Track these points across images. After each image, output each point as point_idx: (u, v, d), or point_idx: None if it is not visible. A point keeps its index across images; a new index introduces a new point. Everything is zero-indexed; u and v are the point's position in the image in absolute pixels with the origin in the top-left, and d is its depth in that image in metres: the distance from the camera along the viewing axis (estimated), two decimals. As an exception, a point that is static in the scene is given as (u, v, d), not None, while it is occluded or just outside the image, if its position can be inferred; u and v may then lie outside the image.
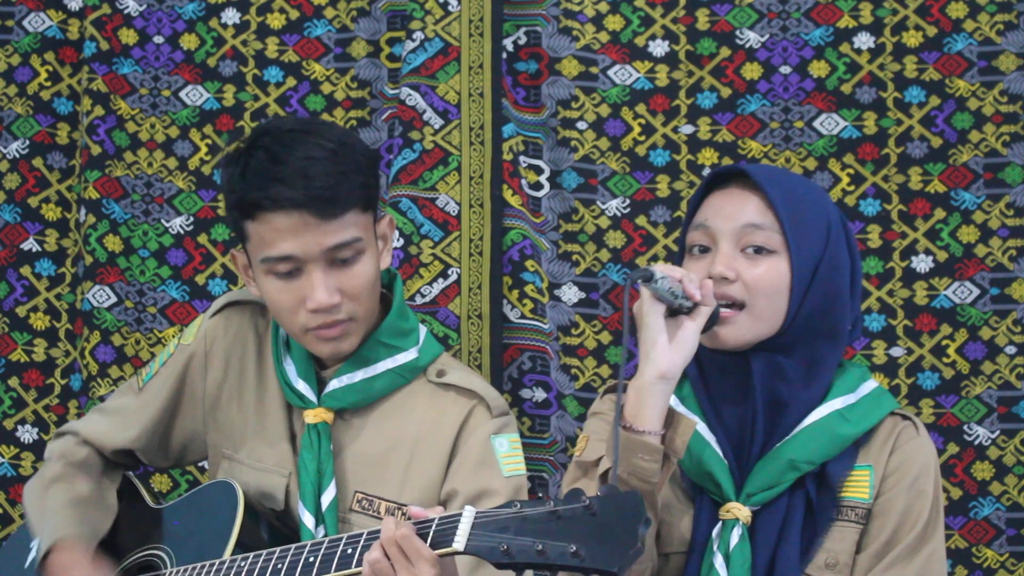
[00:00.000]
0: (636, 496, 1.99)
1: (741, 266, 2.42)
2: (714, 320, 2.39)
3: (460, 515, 2.12)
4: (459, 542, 2.10)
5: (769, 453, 2.42)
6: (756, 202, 2.44)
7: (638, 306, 2.38)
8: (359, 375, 2.62)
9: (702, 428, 2.46)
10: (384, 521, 2.20)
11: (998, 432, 3.12)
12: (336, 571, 2.26)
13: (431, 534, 2.15)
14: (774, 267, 2.42)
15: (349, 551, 2.26)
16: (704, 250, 2.46)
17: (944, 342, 3.15)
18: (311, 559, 2.30)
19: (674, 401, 2.46)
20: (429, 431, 2.61)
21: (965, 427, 3.13)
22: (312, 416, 2.61)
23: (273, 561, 2.37)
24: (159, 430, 2.76)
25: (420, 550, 2.15)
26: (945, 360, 3.15)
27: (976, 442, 3.13)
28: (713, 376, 2.48)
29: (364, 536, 2.25)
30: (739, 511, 2.42)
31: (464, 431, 2.60)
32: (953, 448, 3.13)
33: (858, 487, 2.43)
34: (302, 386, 2.63)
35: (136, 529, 2.73)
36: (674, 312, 2.37)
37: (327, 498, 2.57)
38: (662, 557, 2.45)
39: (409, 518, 2.20)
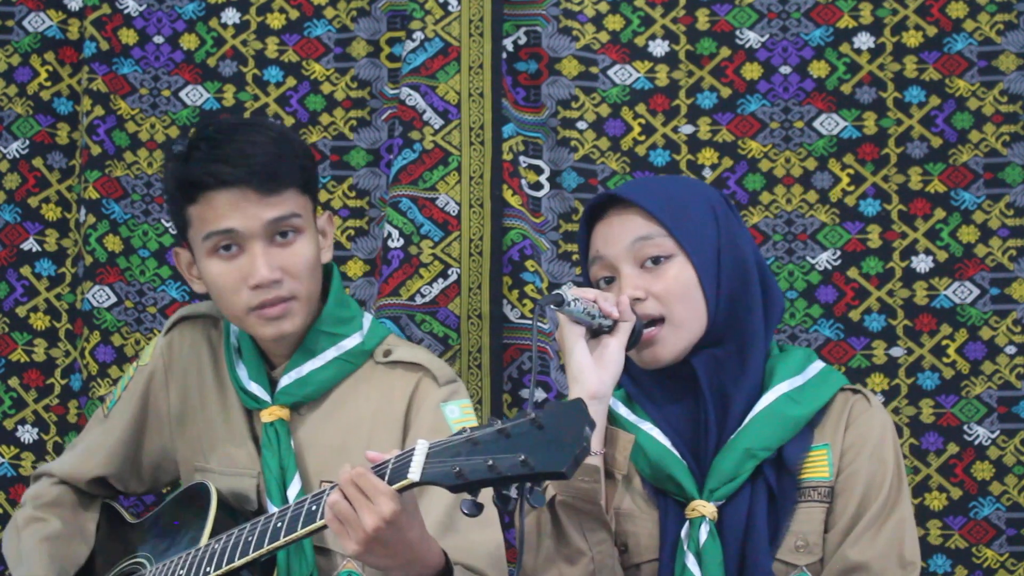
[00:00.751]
0: (579, 403, 2.04)
1: (646, 282, 2.45)
2: (637, 338, 2.41)
3: (414, 449, 2.17)
4: (414, 472, 2.15)
5: (725, 446, 2.44)
6: (636, 218, 2.48)
7: (559, 332, 2.42)
8: (306, 367, 2.67)
9: (655, 432, 2.47)
10: (342, 468, 2.23)
11: (998, 432, 3.12)
12: (303, 528, 2.31)
13: (388, 471, 2.20)
14: (678, 271, 2.45)
15: (314, 508, 2.31)
16: (609, 280, 2.50)
17: (944, 342, 3.16)
18: (279, 524, 2.35)
19: (624, 411, 2.49)
20: (381, 410, 2.65)
21: (965, 427, 3.13)
22: (267, 415, 2.66)
23: (244, 535, 2.41)
24: (128, 453, 2.82)
25: (377, 485, 2.18)
26: (945, 360, 3.15)
27: (976, 442, 3.13)
28: (652, 384, 2.50)
29: (326, 492, 2.29)
30: (704, 508, 2.43)
31: (413, 403, 2.65)
32: (953, 448, 3.13)
33: (818, 467, 2.45)
34: (254, 387, 2.68)
35: (116, 546, 2.78)
36: (595, 333, 2.39)
37: (293, 491, 2.61)
38: (633, 568, 2.46)
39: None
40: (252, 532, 2.40)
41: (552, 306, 2.36)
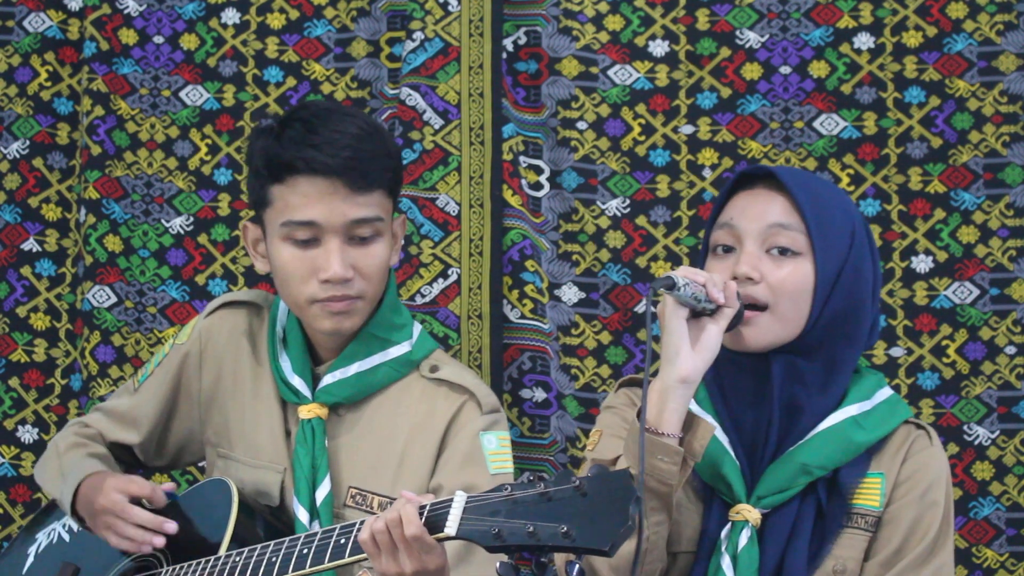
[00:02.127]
0: (625, 474, 1.99)
1: (766, 267, 2.41)
2: (738, 320, 2.38)
3: (451, 500, 2.13)
4: (451, 527, 2.11)
5: (782, 456, 2.42)
6: (782, 203, 2.43)
7: (661, 309, 2.37)
8: (353, 369, 2.64)
9: (716, 430, 2.45)
10: (397, 503, 2.20)
11: (998, 432, 3.13)
12: (329, 562, 2.28)
13: (423, 518, 2.16)
14: (799, 269, 2.41)
15: (342, 541, 2.27)
16: (728, 250, 2.45)
17: (944, 342, 3.16)
18: (304, 551, 2.32)
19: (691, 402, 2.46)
20: (420, 426, 2.62)
21: (965, 427, 3.14)
22: (306, 411, 2.63)
23: (268, 555, 2.38)
24: (156, 430, 2.78)
25: (430, 543, 2.16)
26: (945, 360, 3.15)
27: (976, 442, 3.13)
28: (730, 378, 2.47)
29: (357, 526, 2.26)
30: (749, 513, 2.41)
31: (453, 426, 2.61)
32: (953, 448, 3.13)
33: (869, 494, 2.42)
34: (297, 381, 2.65)
35: None
36: (697, 314, 2.36)
37: (321, 493, 2.59)
38: (670, 556, 2.44)
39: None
40: (276, 553, 2.36)
41: (663, 290, 2.33)
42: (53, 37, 3.35)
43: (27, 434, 3.30)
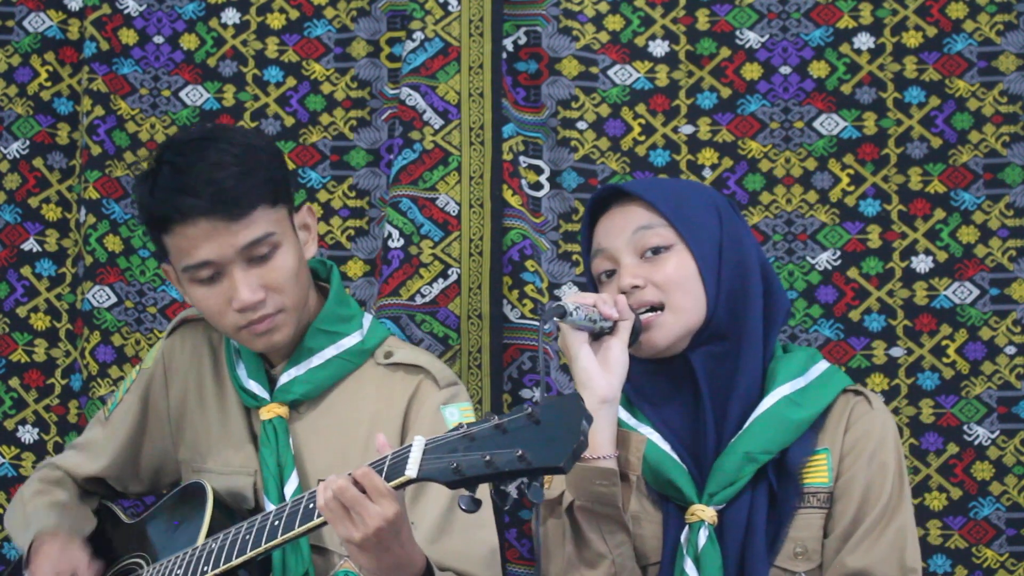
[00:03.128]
0: (575, 396, 2.04)
1: (646, 271, 2.44)
2: (637, 329, 2.41)
3: (411, 445, 2.17)
4: (412, 469, 2.15)
5: (725, 449, 2.43)
6: (638, 210, 2.48)
7: (562, 340, 2.42)
8: (305, 366, 2.67)
9: (655, 436, 2.47)
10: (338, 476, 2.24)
11: (998, 432, 3.13)
12: (299, 526, 2.31)
13: (386, 468, 2.20)
14: (678, 261, 2.45)
15: (311, 506, 2.30)
16: (611, 274, 2.50)
17: (944, 342, 3.16)
18: (276, 522, 2.35)
19: (625, 415, 2.48)
20: (381, 411, 2.65)
21: (965, 427, 3.14)
22: (267, 412, 2.67)
23: (242, 533, 2.41)
24: (128, 456, 2.84)
25: (379, 486, 2.18)
26: (945, 360, 3.15)
27: (976, 442, 3.13)
28: (650, 385, 2.50)
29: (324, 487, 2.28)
30: (703, 512, 2.42)
31: (413, 405, 2.64)
32: (953, 448, 3.13)
33: (817, 471, 2.43)
34: (253, 385, 2.69)
35: (114, 545, 2.79)
36: (597, 335, 2.39)
37: (290, 488, 2.62)
38: (641, 570, 2.45)
39: (379, 449, 2.25)
40: (249, 531, 2.40)
41: (555, 318, 2.35)
42: (53, 37, 3.35)
43: (27, 434, 3.30)
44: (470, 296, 3.13)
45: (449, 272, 3.13)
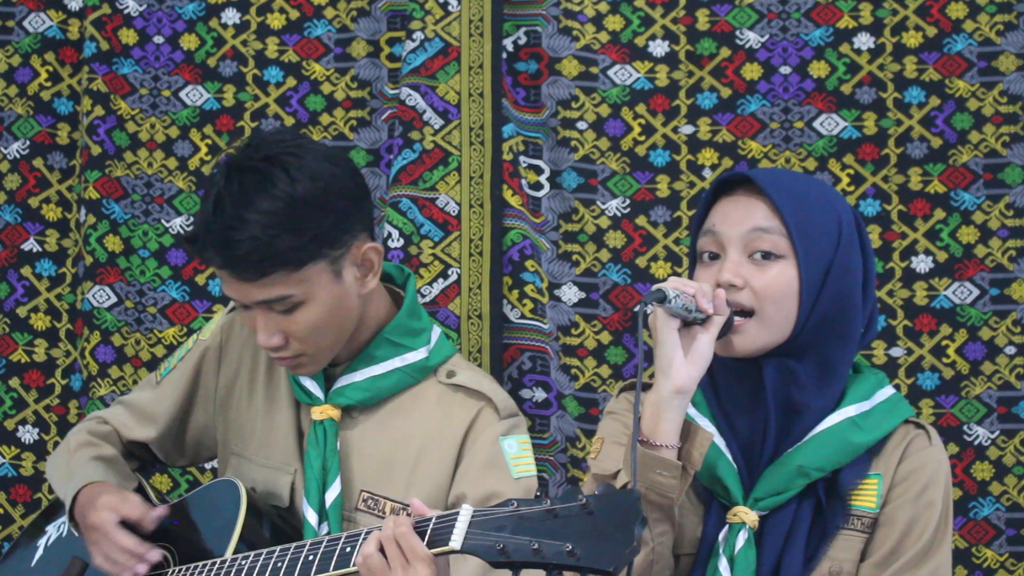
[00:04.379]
0: (633, 495, 1.99)
1: (749, 273, 2.40)
2: (728, 327, 2.38)
3: (457, 513, 2.12)
4: (455, 540, 2.09)
5: (779, 459, 2.41)
6: (762, 207, 2.42)
7: (652, 321, 2.36)
8: (367, 373, 2.62)
9: (713, 432, 2.45)
10: (387, 519, 2.20)
11: (998, 432, 3.13)
12: (334, 570, 2.26)
13: (428, 532, 2.15)
14: (782, 273, 2.40)
15: (348, 549, 2.25)
16: (714, 256, 2.45)
17: (944, 342, 3.16)
18: (310, 557, 2.30)
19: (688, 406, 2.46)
20: (436, 432, 2.60)
21: (965, 427, 3.14)
22: (319, 413, 2.61)
23: (273, 559, 2.36)
24: (174, 426, 2.77)
25: (416, 548, 2.15)
26: (945, 360, 3.15)
27: (976, 442, 3.13)
28: (724, 382, 2.47)
29: (363, 535, 2.24)
30: (746, 515, 2.41)
31: (471, 433, 2.59)
32: (953, 448, 3.13)
33: (866, 496, 2.41)
34: (309, 383, 2.63)
35: (138, 530, 2.73)
36: (687, 324, 2.37)
37: (331, 495, 2.57)
38: (673, 558, 2.44)
39: (411, 512, 2.21)
40: (282, 559, 2.35)
41: (654, 303, 2.33)
42: (53, 37, 3.35)
43: (27, 434, 3.30)
44: (470, 296, 3.13)
45: (449, 272, 3.13)
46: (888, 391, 2.49)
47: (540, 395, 3.12)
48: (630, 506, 1.97)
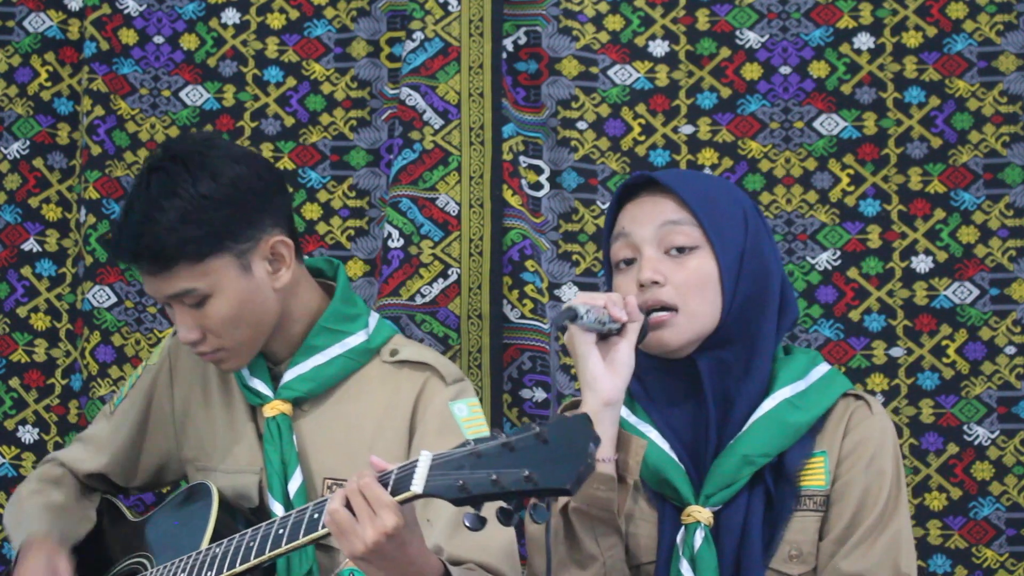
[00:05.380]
0: (584, 418, 2.03)
1: (667, 269, 2.41)
2: (646, 329, 2.39)
3: (417, 460, 2.16)
4: (417, 485, 2.13)
5: (723, 451, 2.42)
6: (669, 203, 2.44)
7: (568, 339, 2.38)
8: (309, 363, 2.67)
9: (654, 435, 2.45)
10: (350, 477, 2.22)
11: (998, 432, 3.13)
12: (304, 536, 2.30)
13: (391, 482, 2.19)
14: (701, 264, 2.41)
15: (316, 516, 2.29)
16: (629, 262, 2.46)
17: (944, 342, 3.16)
18: (280, 531, 2.35)
19: (625, 412, 2.47)
20: (387, 409, 2.65)
21: (965, 427, 3.14)
22: (270, 409, 2.67)
23: (246, 540, 2.41)
24: (129, 453, 2.84)
25: (380, 497, 2.17)
26: (945, 360, 3.15)
27: (976, 442, 3.13)
28: (657, 383, 2.48)
29: (329, 499, 2.27)
30: (699, 513, 2.41)
31: (420, 403, 2.64)
32: (953, 448, 3.13)
33: (814, 474, 2.42)
34: (256, 383, 2.69)
35: (116, 544, 2.79)
36: (604, 335, 2.38)
37: (294, 486, 2.62)
38: (633, 569, 2.45)
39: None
40: (254, 538, 2.39)
41: (567, 321, 2.34)
42: (53, 37, 3.35)
43: (27, 434, 3.30)
44: (470, 296, 3.14)
45: (449, 272, 3.13)
46: (823, 368, 2.49)
47: (540, 395, 3.12)
48: (582, 428, 2.02)
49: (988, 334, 3.14)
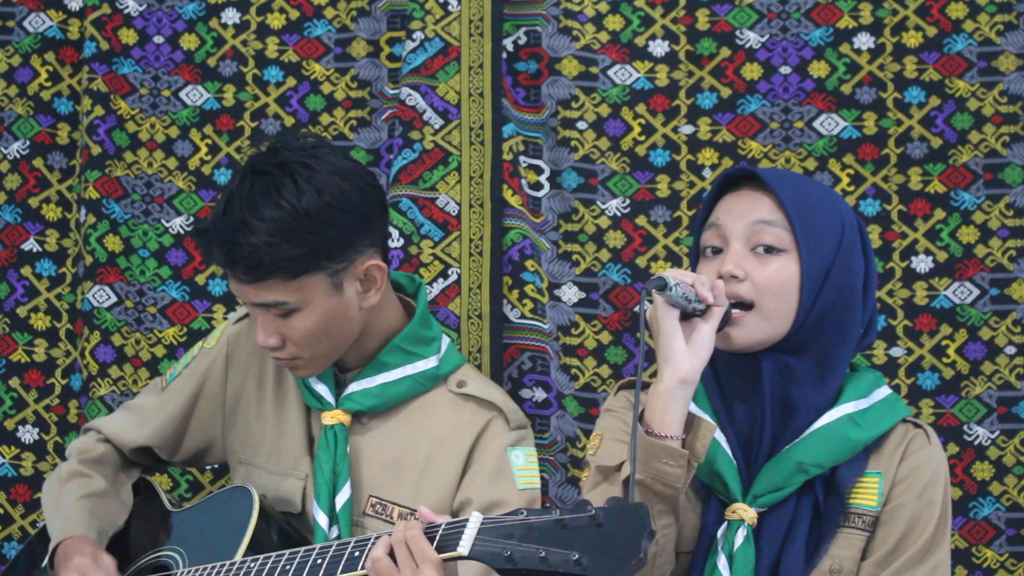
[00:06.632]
0: (642, 508, 2.00)
1: (750, 265, 2.41)
2: (727, 319, 2.38)
3: (467, 520, 2.13)
4: (464, 546, 2.11)
5: (777, 455, 2.41)
6: (767, 201, 2.44)
7: (652, 312, 2.37)
8: (377, 379, 2.66)
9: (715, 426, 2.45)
10: (397, 524, 2.22)
11: (998, 432, 3.13)
12: (342, 573, 2.27)
13: (438, 537, 2.16)
14: (784, 267, 2.41)
15: (356, 554, 2.27)
16: (717, 251, 2.46)
17: (944, 342, 3.16)
18: (319, 561, 2.32)
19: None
20: (446, 440, 2.64)
21: (965, 427, 3.14)
22: (329, 418, 2.65)
23: (282, 563, 2.38)
24: (175, 430, 2.82)
25: (425, 552, 2.16)
26: (945, 360, 3.15)
27: (976, 442, 3.13)
28: (726, 375, 2.47)
29: (372, 540, 2.26)
30: (744, 512, 2.41)
31: (481, 441, 2.63)
32: (953, 448, 3.13)
33: (866, 494, 2.42)
34: (320, 388, 2.67)
35: (151, 531, 2.77)
36: (687, 315, 2.37)
37: (341, 499, 2.61)
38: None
39: (418, 518, 2.22)
40: (291, 562, 2.36)
41: (655, 290, 2.33)
42: (53, 37, 3.35)
43: (27, 434, 3.30)
44: (470, 296, 3.14)
45: (449, 272, 3.13)
46: (885, 390, 2.49)
47: (540, 395, 3.12)
48: (639, 519, 1.99)
49: (988, 334, 3.14)
